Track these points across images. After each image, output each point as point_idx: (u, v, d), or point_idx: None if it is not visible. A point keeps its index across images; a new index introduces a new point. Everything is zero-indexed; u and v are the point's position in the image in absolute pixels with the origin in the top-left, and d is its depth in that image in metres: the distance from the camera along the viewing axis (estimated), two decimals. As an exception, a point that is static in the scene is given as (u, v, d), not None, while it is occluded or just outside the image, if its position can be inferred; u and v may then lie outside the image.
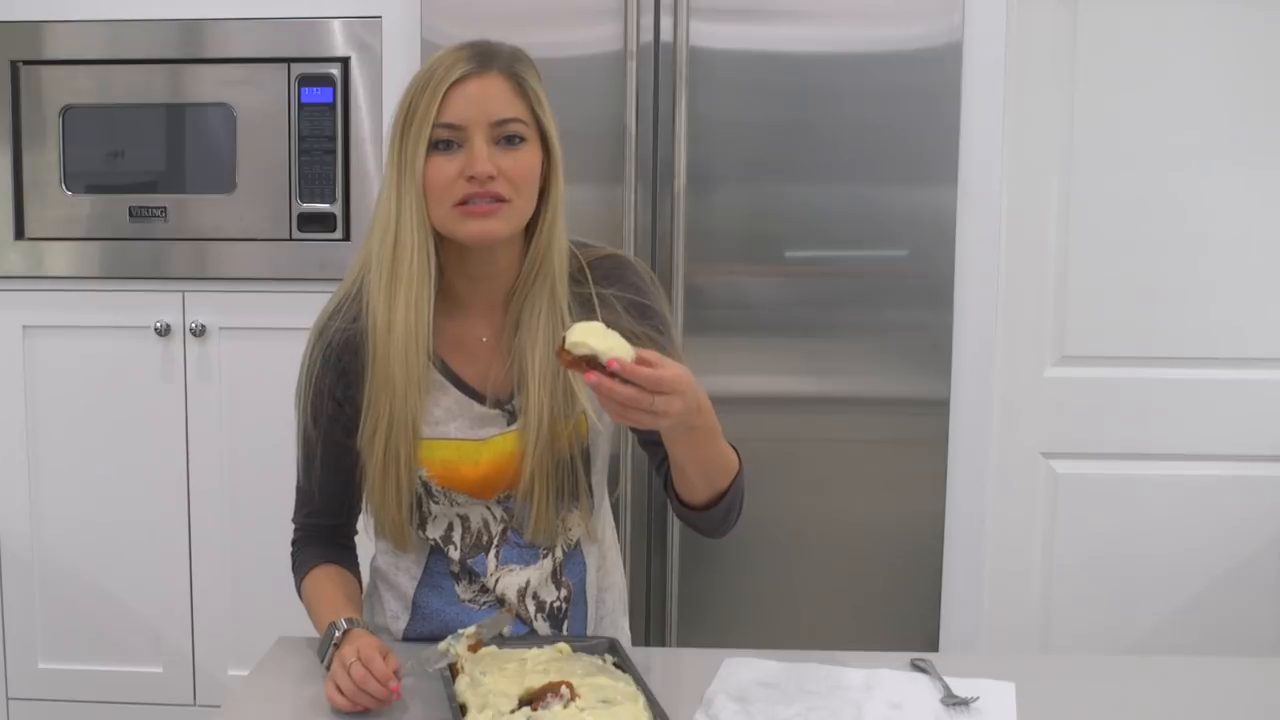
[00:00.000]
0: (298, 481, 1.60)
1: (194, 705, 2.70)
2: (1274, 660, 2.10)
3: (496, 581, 1.56)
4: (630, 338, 1.47)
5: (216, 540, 2.65)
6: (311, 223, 2.57)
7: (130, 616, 2.69)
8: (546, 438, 1.49)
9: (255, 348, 2.59)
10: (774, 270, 2.41)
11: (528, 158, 1.46)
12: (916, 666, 1.49)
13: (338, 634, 1.44)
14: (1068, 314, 2.61)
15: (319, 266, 2.57)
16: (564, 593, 1.58)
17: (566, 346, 1.28)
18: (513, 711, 1.27)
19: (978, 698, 1.38)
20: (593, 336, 1.28)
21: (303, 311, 2.64)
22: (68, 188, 2.63)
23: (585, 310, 1.51)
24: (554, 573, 1.58)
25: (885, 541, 2.44)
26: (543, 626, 1.57)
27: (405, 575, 1.60)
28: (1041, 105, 2.56)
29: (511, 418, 1.52)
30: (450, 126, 1.43)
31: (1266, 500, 2.62)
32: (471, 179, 1.42)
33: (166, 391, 2.64)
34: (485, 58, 1.46)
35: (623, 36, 2.34)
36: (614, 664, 1.41)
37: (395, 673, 1.37)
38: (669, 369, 1.29)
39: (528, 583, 1.56)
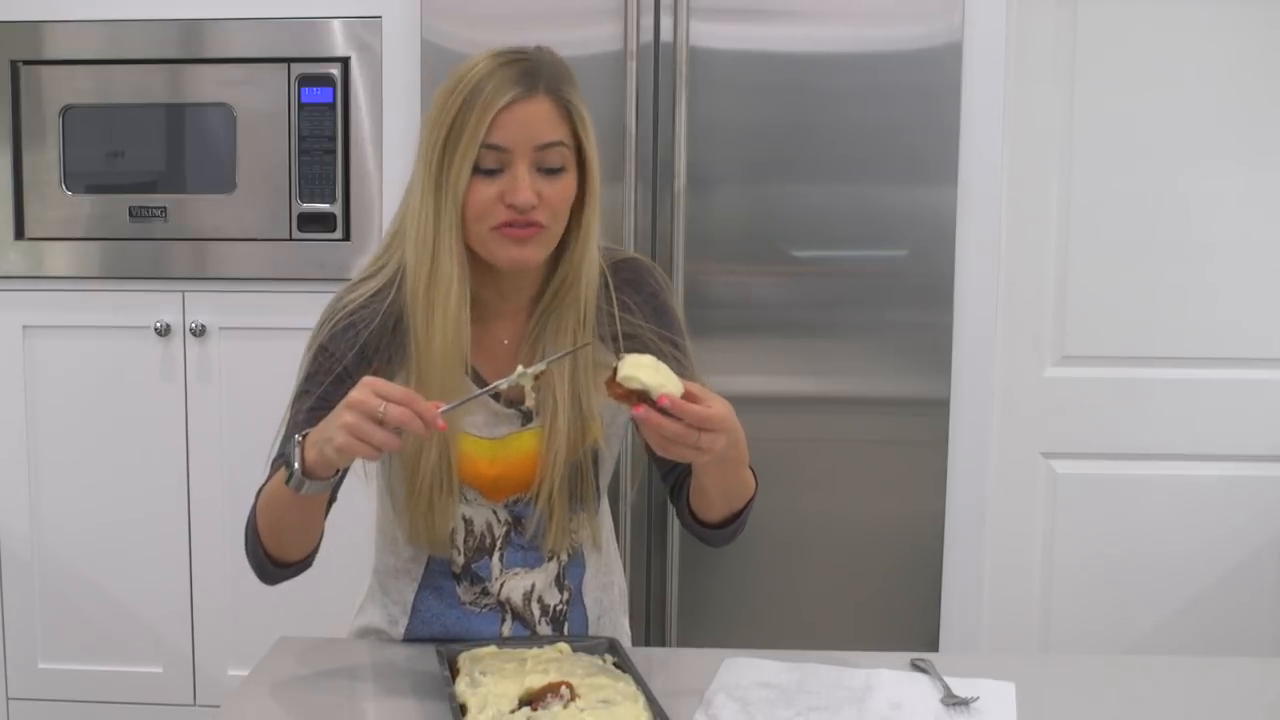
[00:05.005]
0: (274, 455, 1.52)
1: (194, 705, 2.70)
2: (1274, 660, 2.10)
3: (501, 586, 1.56)
4: (651, 344, 1.48)
5: (216, 540, 2.65)
6: (311, 223, 2.57)
7: (130, 616, 2.69)
8: (565, 452, 1.49)
9: (255, 348, 2.59)
10: (774, 270, 2.41)
11: (566, 185, 1.45)
12: (916, 666, 1.49)
13: (299, 437, 1.36)
14: (1068, 314, 2.61)
15: (319, 266, 2.57)
16: (565, 595, 1.59)
17: (619, 379, 1.29)
18: (513, 711, 1.27)
19: (978, 698, 1.38)
20: (644, 371, 1.29)
21: (303, 311, 2.64)
22: (68, 188, 2.63)
23: (606, 319, 1.52)
24: (558, 576, 1.58)
25: (885, 541, 2.44)
26: (545, 630, 1.58)
27: (406, 578, 1.59)
28: (1042, 105, 2.56)
29: (526, 418, 1.52)
30: (495, 149, 1.41)
31: (1266, 500, 2.62)
32: (511, 206, 1.41)
33: (166, 391, 2.64)
34: (532, 78, 1.42)
35: (623, 36, 2.34)
36: (614, 664, 1.41)
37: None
38: (715, 406, 1.31)
39: (533, 586, 1.57)
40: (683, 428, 1.29)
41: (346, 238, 2.58)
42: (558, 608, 1.58)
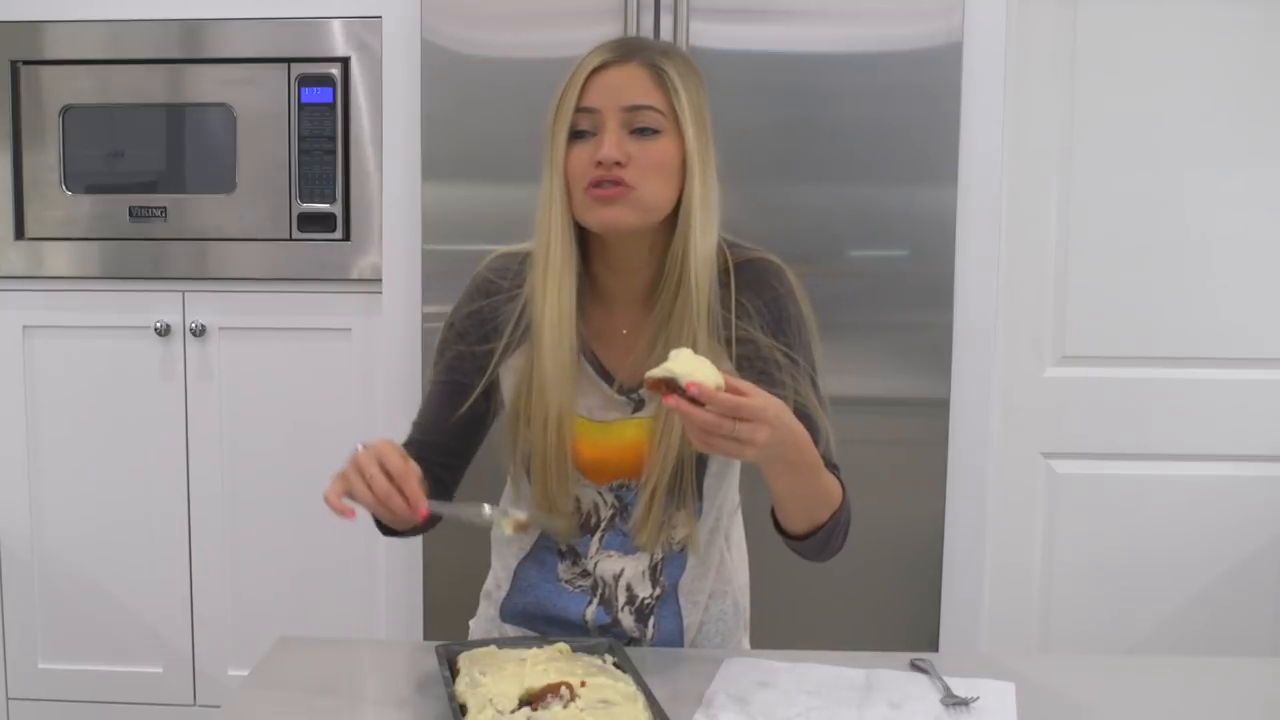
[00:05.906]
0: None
1: (194, 705, 2.70)
2: (1274, 660, 2.11)
3: (595, 565, 1.57)
4: (761, 353, 1.47)
5: (216, 540, 2.65)
6: (311, 223, 2.57)
7: (130, 616, 2.69)
8: (676, 449, 1.48)
9: (255, 348, 2.59)
10: (774, 270, 2.41)
11: (660, 147, 1.46)
12: (916, 666, 1.49)
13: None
14: (1068, 314, 2.61)
15: (319, 266, 2.57)
16: (657, 591, 1.58)
17: (648, 371, 1.29)
18: (513, 712, 1.27)
19: (978, 698, 1.38)
20: (676, 362, 1.29)
21: (303, 311, 2.63)
22: (68, 188, 2.63)
23: (723, 322, 1.51)
24: (652, 569, 1.58)
25: (885, 541, 2.44)
26: (628, 619, 1.57)
27: (515, 546, 1.61)
28: (1042, 105, 2.56)
29: (637, 406, 1.52)
30: (586, 110, 1.45)
31: (1266, 500, 2.62)
32: (599, 164, 1.43)
33: (166, 391, 2.64)
34: (629, 50, 1.48)
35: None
36: (614, 664, 1.41)
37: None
38: (755, 398, 1.29)
39: (623, 571, 1.57)
40: (715, 417, 1.26)
41: (346, 238, 2.58)
42: (646, 600, 1.57)
